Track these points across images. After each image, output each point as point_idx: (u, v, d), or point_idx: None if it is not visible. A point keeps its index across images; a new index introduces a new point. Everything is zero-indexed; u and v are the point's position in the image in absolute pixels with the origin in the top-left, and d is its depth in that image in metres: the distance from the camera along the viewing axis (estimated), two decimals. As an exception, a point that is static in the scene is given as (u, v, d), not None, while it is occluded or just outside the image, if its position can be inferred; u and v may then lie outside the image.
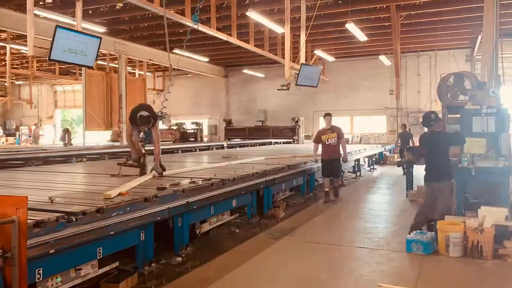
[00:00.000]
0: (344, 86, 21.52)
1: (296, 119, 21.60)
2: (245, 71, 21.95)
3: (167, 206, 4.50)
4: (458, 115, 7.10)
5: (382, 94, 20.53)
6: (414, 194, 8.86)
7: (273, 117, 22.93)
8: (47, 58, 9.11)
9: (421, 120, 6.59)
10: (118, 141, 18.16)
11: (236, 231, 6.44)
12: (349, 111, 21.70)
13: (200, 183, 5.38)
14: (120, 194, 4.34)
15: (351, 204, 8.90)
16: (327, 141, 8.93)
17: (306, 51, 16.93)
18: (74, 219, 3.45)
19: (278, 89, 14.69)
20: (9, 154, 10.61)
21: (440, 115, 6.63)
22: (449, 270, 4.80)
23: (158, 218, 4.39)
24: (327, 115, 9.17)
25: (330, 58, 18.65)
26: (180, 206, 4.71)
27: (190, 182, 5.33)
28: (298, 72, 13.64)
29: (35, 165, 9.22)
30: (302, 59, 14.13)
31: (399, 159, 13.21)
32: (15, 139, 26.58)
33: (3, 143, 24.78)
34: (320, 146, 9.04)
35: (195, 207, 4.99)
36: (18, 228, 2.67)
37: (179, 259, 4.91)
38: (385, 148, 18.08)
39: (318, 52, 17.39)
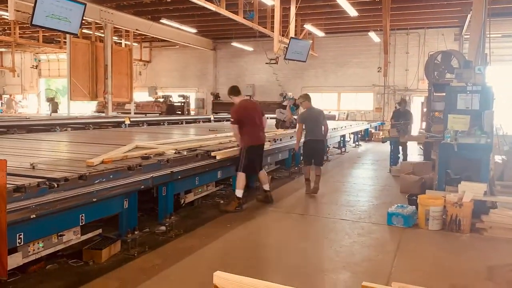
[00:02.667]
0: (332, 62, 21.40)
1: (284, 95, 21.51)
2: (234, 44, 21.63)
3: (151, 175, 4.48)
4: (444, 94, 7.15)
5: (370, 71, 20.49)
6: (398, 169, 8.98)
7: (261, 92, 22.78)
8: (29, 23, 8.86)
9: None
10: (103, 112, 17.89)
11: (221, 202, 6.47)
12: (336, 88, 21.67)
13: (185, 154, 5.37)
14: (103, 161, 4.31)
15: (335, 178, 9.00)
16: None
17: (296, 25, 16.73)
18: (56, 185, 3.42)
19: (266, 63, 14.60)
20: (-10, 122, 10.41)
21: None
22: (427, 242, 4.93)
23: (142, 186, 4.38)
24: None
25: (319, 33, 18.44)
26: (164, 176, 4.70)
27: (175, 153, 5.32)
28: (287, 46, 13.52)
29: (17, 133, 9.08)
30: (292, 33, 13.99)
31: (383, 136, 13.32)
32: (-3, 107, 26.03)
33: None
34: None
35: (179, 177, 4.98)
36: (-3, 191, 2.64)
37: (163, 228, 4.94)
38: (371, 125, 18.23)
39: (308, 27, 17.18)
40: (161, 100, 21.98)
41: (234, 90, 6.48)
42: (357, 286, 3.63)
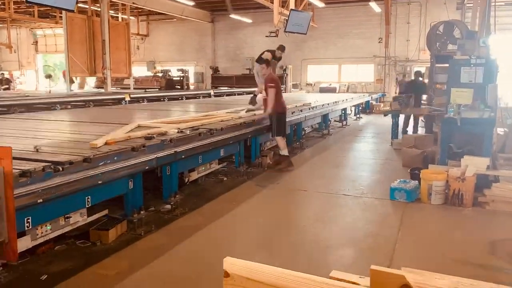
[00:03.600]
0: (333, 34, 21.12)
1: (284, 67, 21.30)
2: (232, 16, 21.27)
3: (155, 155, 4.48)
4: (446, 65, 7.07)
5: (371, 42, 20.25)
6: (399, 143, 8.99)
7: (261, 64, 22.56)
8: (24, 0, 8.68)
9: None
10: (102, 87, 17.77)
11: (224, 179, 6.51)
12: (337, 59, 21.46)
13: (188, 133, 5.36)
14: (107, 143, 4.31)
15: (336, 152, 9.02)
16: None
17: (296, -4, 16.40)
18: (60, 169, 3.42)
19: (266, 36, 14.38)
20: (-10, 101, 10.34)
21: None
22: (430, 216, 4.99)
23: (146, 167, 4.38)
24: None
25: (319, 4, 18.09)
26: (168, 156, 4.70)
27: (178, 132, 5.30)
28: (287, 18, 13.29)
29: (18, 112, 9.03)
30: (292, 5, 13.73)
31: (385, 108, 13.27)
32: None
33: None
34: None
35: (183, 156, 4.99)
36: (3, 179, 2.64)
37: (168, 206, 4.98)
38: (372, 97, 18.13)
39: (308, -3, 16.85)
40: (160, 74, 21.80)
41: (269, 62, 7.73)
42: (361, 262, 3.70)
